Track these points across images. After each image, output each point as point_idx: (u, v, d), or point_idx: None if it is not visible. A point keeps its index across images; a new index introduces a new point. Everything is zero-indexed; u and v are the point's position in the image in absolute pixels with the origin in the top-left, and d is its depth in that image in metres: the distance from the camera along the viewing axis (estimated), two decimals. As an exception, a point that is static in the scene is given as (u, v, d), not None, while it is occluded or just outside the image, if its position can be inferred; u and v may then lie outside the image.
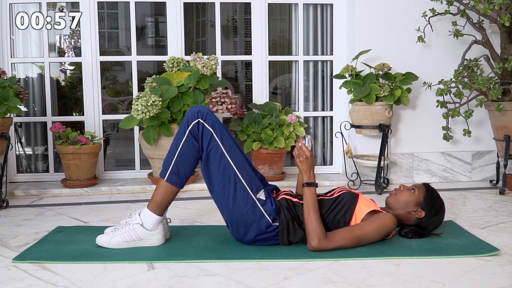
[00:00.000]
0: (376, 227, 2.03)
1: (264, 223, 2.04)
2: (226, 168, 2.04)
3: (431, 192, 2.16)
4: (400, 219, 2.16)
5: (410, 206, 2.13)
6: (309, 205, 2.03)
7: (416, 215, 2.14)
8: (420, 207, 2.13)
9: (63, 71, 5.46)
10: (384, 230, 2.05)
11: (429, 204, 2.13)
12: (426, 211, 2.13)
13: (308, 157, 2.07)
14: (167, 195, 2.08)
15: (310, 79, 4.08)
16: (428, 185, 2.19)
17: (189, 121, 2.07)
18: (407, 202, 2.14)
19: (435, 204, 2.14)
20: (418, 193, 2.14)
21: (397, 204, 2.15)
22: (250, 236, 2.06)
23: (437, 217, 2.16)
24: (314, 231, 1.98)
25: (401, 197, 2.15)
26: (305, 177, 2.08)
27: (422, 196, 2.13)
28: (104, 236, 2.09)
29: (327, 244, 1.98)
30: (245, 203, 2.02)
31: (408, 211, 2.14)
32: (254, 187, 2.06)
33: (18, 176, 3.66)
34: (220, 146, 2.05)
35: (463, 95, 3.28)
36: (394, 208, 2.17)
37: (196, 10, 8.70)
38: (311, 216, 2.00)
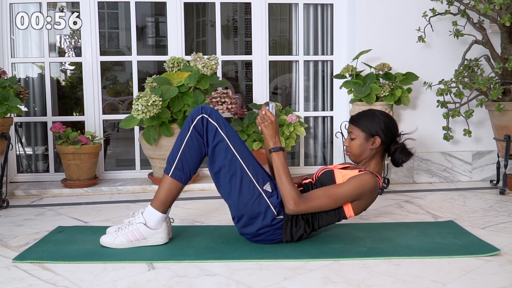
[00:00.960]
0: (352, 183, 2.04)
1: (269, 215, 2.04)
2: (232, 161, 2.04)
3: (363, 119, 2.17)
4: (374, 162, 2.17)
5: (364, 146, 2.15)
6: (279, 169, 2.03)
7: (375, 145, 2.14)
8: (371, 139, 2.14)
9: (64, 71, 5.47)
10: (362, 185, 2.04)
11: (371, 128, 2.14)
12: (377, 133, 2.14)
13: (273, 121, 2.07)
14: (172, 191, 2.08)
15: (311, 79, 4.08)
16: (352, 118, 2.20)
17: (193, 117, 2.08)
18: (359, 146, 2.16)
19: (374, 122, 2.15)
20: (357, 133, 2.16)
21: (357, 155, 2.18)
22: (253, 229, 2.06)
23: (388, 124, 2.16)
24: (288, 193, 1.99)
25: (352, 148, 2.18)
26: (270, 142, 2.08)
27: (360, 131, 2.15)
28: (108, 236, 2.09)
29: (303, 205, 1.99)
30: (251, 195, 2.03)
31: (369, 149, 2.15)
32: (260, 179, 2.06)
33: (18, 176, 3.66)
34: (225, 139, 2.05)
35: (463, 95, 3.28)
36: (359, 160, 2.19)
37: (196, 10, 8.70)
38: (283, 180, 2.01)
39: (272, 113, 2.08)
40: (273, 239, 2.10)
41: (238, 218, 2.08)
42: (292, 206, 1.98)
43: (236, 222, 2.11)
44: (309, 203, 2.01)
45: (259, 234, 2.08)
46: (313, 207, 2.02)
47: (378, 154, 2.19)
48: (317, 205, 2.02)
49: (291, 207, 1.99)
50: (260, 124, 2.09)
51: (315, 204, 2.01)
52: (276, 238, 2.09)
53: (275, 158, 2.05)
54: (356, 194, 2.05)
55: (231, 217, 2.14)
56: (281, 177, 2.02)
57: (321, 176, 2.15)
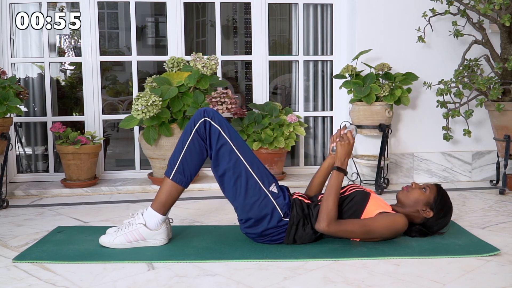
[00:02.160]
0: (386, 223, 2.04)
1: (276, 216, 2.04)
2: (237, 163, 2.04)
3: (442, 193, 2.16)
4: (407, 217, 2.16)
5: (419, 205, 2.14)
6: (332, 187, 2.04)
7: (424, 214, 2.14)
8: (429, 207, 2.13)
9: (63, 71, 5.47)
10: (394, 227, 2.06)
11: (438, 205, 2.13)
12: (434, 211, 2.13)
13: (351, 144, 2.11)
14: (172, 194, 2.08)
15: (310, 79, 4.08)
16: (439, 186, 2.19)
17: (195, 121, 2.07)
18: (417, 201, 2.14)
19: (444, 206, 2.15)
20: (429, 193, 2.14)
21: (407, 201, 2.16)
22: (258, 230, 2.06)
23: (444, 219, 2.17)
24: (328, 212, 1.99)
25: (412, 194, 2.16)
26: (338, 161, 2.10)
27: (432, 197, 2.14)
28: (107, 236, 2.09)
29: (335, 227, 2.00)
30: (257, 196, 2.03)
31: (417, 209, 2.14)
32: (266, 180, 2.06)
33: (18, 176, 3.66)
34: (229, 142, 2.05)
35: (463, 95, 3.28)
36: (403, 205, 2.17)
37: (196, 10, 8.70)
38: (330, 198, 2.02)
39: (353, 136, 2.13)
40: (276, 240, 2.10)
41: (246, 220, 2.08)
42: (325, 225, 1.99)
43: (242, 223, 2.11)
44: (341, 227, 2.01)
45: (264, 235, 2.08)
46: (343, 231, 2.02)
47: (414, 218, 2.17)
48: (347, 232, 2.03)
49: (323, 225, 1.99)
50: (335, 141, 2.13)
51: (345, 230, 2.02)
52: (279, 238, 2.09)
53: (334, 177, 2.07)
54: (385, 234, 2.07)
55: (238, 219, 2.13)
56: (330, 195, 2.03)
57: (355, 193, 2.13)
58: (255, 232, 2.07)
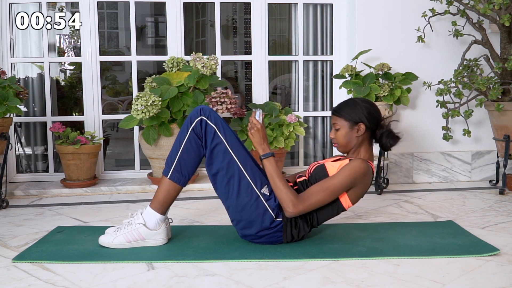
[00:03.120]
0: (344, 173, 2.03)
1: (268, 218, 2.04)
2: (230, 163, 2.04)
3: (344, 108, 2.16)
4: (363, 149, 2.17)
5: (349, 135, 2.15)
6: (272, 174, 2.04)
7: (360, 131, 2.14)
8: (356, 126, 2.14)
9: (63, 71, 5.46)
10: (354, 171, 2.04)
11: (353, 116, 2.13)
12: (361, 121, 2.13)
13: (259, 129, 2.08)
14: (170, 193, 2.08)
15: (310, 79, 4.08)
16: (334, 108, 2.19)
17: (191, 119, 2.08)
18: (345, 135, 2.15)
19: (355, 110, 2.14)
20: (341, 123, 2.15)
21: (344, 145, 2.17)
22: (252, 231, 2.06)
23: (370, 109, 2.16)
24: (285, 197, 1.99)
25: (339, 139, 2.17)
26: (259, 149, 2.09)
27: (344, 121, 2.15)
28: (107, 236, 2.09)
29: (302, 205, 1.99)
30: (249, 198, 2.02)
31: (354, 137, 2.15)
32: (258, 182, 2.06)
33: (17, 176, 3.66)
34: (223, 142, 2.05)
35: (462, 95, 3.28)
36: (347, 150, 2.19)
37: (196, 10, 8.70)
38: (277, 184, 2.02)
39: (258, 120, 2.09)
40: (274, 241, 2.10)
41: (237, 221, 2.08)
42: (291, 209, 1.99)
43: (235, 224, 2.11)
44: (307, 201, 2.01)
45: (260, 236, 2.08)
46: (312, 204, 2.02)
47: (366, 141, 2.19)
48: (315, 202, 2.02)
49: (290, 210, 1.99)
50: (248, 132, 2.11)
51: (313, 201, 2.02)
52: (277, 240, 2.10)
53: (266, 165, 2.06)
54: (350, 182, 2.05)
55: (230, 220, 2.13)
56: (275, 182, 2.03)
57: (314, 171, 2.15)
58: (251, 233, 2.07)
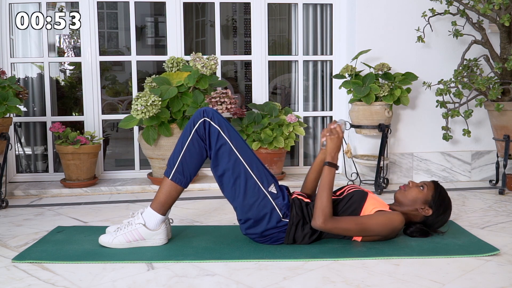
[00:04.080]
0: (382, 220, 2.04)
1: (275, 217, 2.03)
2: (236, 164, 2.03)
3: (439, 190, 2.15)
4: (406, 216, 2.15)
5: (418, 203, 2.13)
6: (325, 183, 2.04)
7: (423, 212, 2.13)
8: (428, 205, 2.13)
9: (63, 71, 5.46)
10: (390, 225, 2.05)
11: (437, 202, 2.12)
12: (433, 209, 2.13)
13: (340, 137, 2.10)
14: (171, 194, 2.08)
15: (310, 79, 4.08)
16: (437, 183, 2.19)
17: (195, 121, 2.07)
18: (415, 199, 2.13)
19: (443, 203, 2.14)
20: (427, 191, 2.14)
21: (405, 200, 2.15)
22: (258, 230, 2.06)
23: (443, 216, 2.16)
24: (323, 209, 1.99)
25: (410, 193, 2.15)
26: (329, 156, 2.09)
27: (430, 194, 2.13)
28: (107, 236, 2.08)
29: (331, 224, 1.99)
30: (256, 197, 2.02)
31: (416, 208, 2.14)
32: (265, 181, 2.06)
33: (17, 176, 3.66)
34: (228, 142, 2.05)
35: (462, 95, 3.28)
36: (402, 204, 2.16)
37: (195, 10, 8.69)
38: (324, 194, 2.01)
39: (342, 130, 2.11)
40: (275, 241, 2.10)
41: (245, 220, 2.08)
42: (321, 222, 1.98)
43: (242, 223, 2.11)
44: (337, 223, 2.00)
45: (264, 235, 2.08)
46: (339, 228, 2.01)
47: (413, 217, 2.17)
48: (343, 228, 2.02)
49: (319, 222, 1.98)
50: (325, 135, 2.12)
51: (341, 226, 2.01)
52: (279, 240, 2.10)
53: (326, 172, 2.06)
54: (382, 232, 2.06)
55: (237, 219, 2.13)
56: (324, 191, 2.02)
57: (353, 193, 2.12)
58: (255, 232, 2.07)
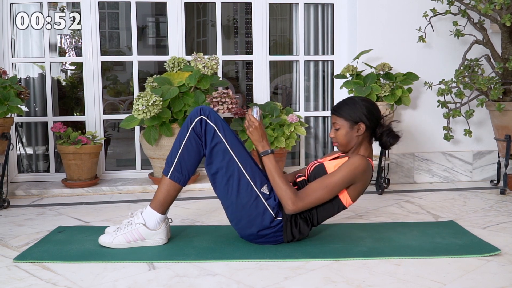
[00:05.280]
0: (343, 169, 2.03)
1: (267, 217, 2.04)
2: (230, 163, 2.04)
3: (344, 108, 2.15)
4: (363, 148, 2.16)
5: (350, 134, 2.14)
6: (272, 172, 2.04)
7: (361, 131, 2.13)
8: (356, 126, 2.13)
9: (64, 71, 5.47)
10: (354, 166, 2.03)
11: (353, 115, 2.12)
12: (361, 120, 2.12)
13: (257, 126, 2.08)
14: (170, 192, 2.08)
15: (311, 79, 4.08)
16: (333, 108, 2.18)
17: (191, 119, 2.08)
18: (345, 135, 2.14)
19: (355, 109, 2.13)
20: (341, 122, 2.14)
21: (344, 144, 2.16)
22: (253, 231, 2.06)
23: (370, 108, 2.15)
24: (285, 194, 2.00)
25: (339, 138, 2.16)
26: (259, 147, 2.09)
27: (344, 121, 2.13)
28: (107, 236, 2.09)
29: (301, 202, 2.00)
30: (248, 197, 2.03)
31: (355, 136, 2.14)
32: (258, 181, 2.06)
33: (19, 176, 3.66)
34: (223, 141, 2.05)
35: (464, 95, 3.28)
36: (348, 149, 2.18)
37: (197, 10, 8.70)
38: (277, 182, 2.02)
39: (256, 118, 2.09)
40: (275, 241, 2.10)
41: (237, 221, 2.08)
42: (291, 206, 1.99)
43: (234, 224, 2.11)
44: (306, 199, 2.01)
45: (260, 236, 2.08)
46: (311, 202, 2.02)
47: (366, 140, 2.19)
48: (315, 199, 2.02)
49: (289, 207, 1.99)
50: (246, 130, 2.11)
51: (312, 199, 2.01)
52: (278, 239, 2.10)
53: (266, 162, 2.07)
54: (350, 178, 2.04)
55: (229, 220, 2.13)
56: (275, 179, 2.03)
57: (313, 171, 2.15)
58: (251, 233, 2.07)
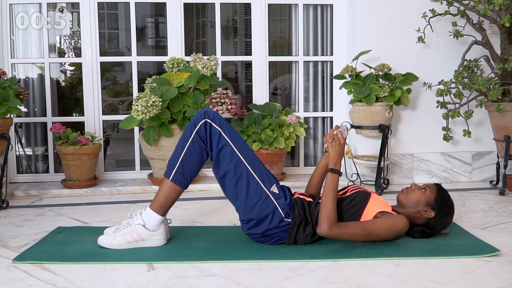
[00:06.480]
0: (386, 225, 2.03)
1: (277, 217, 2.03)
2: (238, 164, 2.04)
3: (442, 192, 2.16)
4: (409, 218, 2.15)
5: (420, 206, 2.13)
6: (328, 189, 2.03)
7: (426, 215, 2.13)
8: (431, 207, 2.13)
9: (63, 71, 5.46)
10: (395, 229, 2.04)
11: (439, 204, 2.12)
12: (436, 211, 2.12)
13: (342, 144, 2.10)
14: (171, 195, 2.08)
15: (310, 80, 4.08)
16: (439, 185, 2.19)
17: (196, 122, 2.07)
18: (418, 201, 2.13)
19: (445, 205, 2.14)
20: (430, 193, 2.14)
21: (408, 202, 2.15)
22: (259, 230, 2.05)
23: (446, 218, 2.16)
24: (328, 215, 1.98)
25: (413, 195, 2.15)
26: (331, 163, 2.09)
27: (433, 196, 2.13)
28: (106, 237, 2.08)
29: (336, 231, 1.97)
30: (258, 197, 2.03)
31: (418, 210, 2.14)
32: (267, 181, 2.06)
33: (18, 177, 3.66)
34: (229, 143, 2.05)
35: (463, 96, 3.28)
36: (404, 206, 2.16)
37: (196, 10, 8.69)
38: (328, 200, 2.00)
39: (344, 136, 2.11)
40: (277, 241, 2.10)
41: (248, 221, 2.08)
42: (326, 229, 1.96)
43: (244, 223, 2.11)
44: (342, 229, 1.99)
45: (266, 235, 2.08)
46: (344, 234, 2.00)
47: (415, 219, 2.16)
48: (348, 234, 2.00)
49: (324, 229, 1.97)
50: (327, 142, 2.11)
51: (347, 232, 2.00)
52: (280, 240, 2.10)
53: (329, 179, 2.06)
54: (387, 236, 2.06)
55: (240, 220, 2.13)
56: (328, 197, 2.01)
57: (356, 193, 2.12)
58: (257, 232, 2.07)
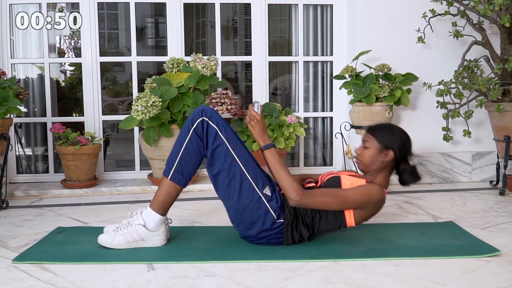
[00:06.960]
0: (360, 191, 2.02)
1: (269, 219, 2.03)
2: (232, 164, 2.03)
3: (378, 130, 2.15)
4: (384, 177, 2.15)
5: (377, 157, 2.13)
6: (275, 165, 2.03)
7: (388, 158, 2.12)
8: (384, 150, 2.12)
9: (63, 71, 5.46)
10: (369, 195, 2.03)
11: (387, 140, 2.12)
12: (391, 147, 2.11)
13: (259, 120, 2.07)
14: (170, 194, 2.08)
15: (310, 80, 4.08)
16: (370, 127, 2.18)
17: (193, 120, 2.07)
18: (372, 156, 2.13)
19: (391, 135, 2.13)
20: (371, 141, 2.14)
21: (367, 164, 2.15)
22: (253, 233, 2.05)
23: (406, 142, 2.14)
24: (290, 186, 1.98)
25: (364, 157, 2.15)
26: (260, 141, 2.08)
27: (376, 141, 2.13)
28: (106, 236, 2.08)
29: (307, 197, 1.97)
30: (250, 199, 2.02)
31: (380, 161, 2.13)
32: (260, 182, 2.05)
33: (18, 177, 3.66)
34: (225, 143, 2.05)
35: (463, 96, 3.28)
36: (368, 169, 2.16)
37: (196, 10, 8.70)
38: (281, 174, 2.00)
39: (257, 112, 2.09)
40: (275, 243, 2.09)
41: (238, 222, 2.07)
42: (296, 197, 1.96)
43: (236, 225, 2.11)
44: (313, 197, 1.98)
45: (260, 237, 2.07)
46: (317, 202, 1.99)
47: (387, 169, 2.17)
48: (322, 201, 1.99)
49: (294, 198, 1.96)
50: (248, 124, 2.10)
51: (319, 200, 1.99)
52: (278, 241, 2.09)
53: (268, 155, 2.06)
54: (362, 202, 2.03)
55: (230, 221, 2.13)
56: (279, 172, 2.01)
57: (328, 180, 2.13)
58: (251, 235, 2.07)
